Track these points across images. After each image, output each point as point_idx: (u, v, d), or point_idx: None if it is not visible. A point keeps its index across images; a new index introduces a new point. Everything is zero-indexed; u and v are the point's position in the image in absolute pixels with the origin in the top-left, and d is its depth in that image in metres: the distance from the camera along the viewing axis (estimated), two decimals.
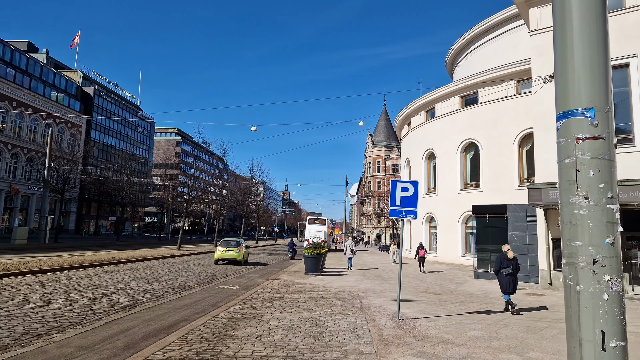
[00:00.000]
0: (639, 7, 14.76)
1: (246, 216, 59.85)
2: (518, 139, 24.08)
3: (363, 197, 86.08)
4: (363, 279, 17.48)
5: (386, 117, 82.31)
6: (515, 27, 29.02)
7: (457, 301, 12.67)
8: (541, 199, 14.84)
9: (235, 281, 16.04)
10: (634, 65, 14.73)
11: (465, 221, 26.55)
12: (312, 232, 43.16)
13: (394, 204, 9.10)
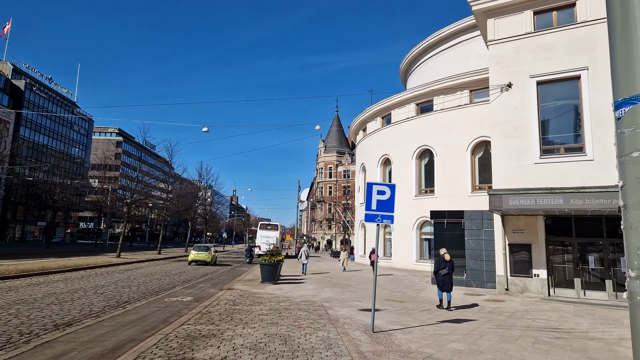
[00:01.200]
0: (589, 22, 15.42)
1: (193, 222, 57.12)
2: (471, 146, 24.64)
3: (314, 203, 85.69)
4: (323, 287, 16.76)
5: (338, 123, 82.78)
6: (467, 39, 29.98)
7: (424, 309, 12.30)
8: (501, 204, 14.97)
9: (185, 292, 14.67)
10: (584, 78, 15.33)
11: (420, 227, 26.73)
12: (263, 238, 41.96)
13: (370, 207, 8.48)
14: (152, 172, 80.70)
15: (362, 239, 34.04)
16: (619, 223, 9.77)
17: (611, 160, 14.35)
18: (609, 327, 10.41)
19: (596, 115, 14.91)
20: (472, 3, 17.50)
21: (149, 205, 53.08)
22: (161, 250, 40.33)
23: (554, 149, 15.89)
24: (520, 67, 16.49)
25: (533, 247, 16.03)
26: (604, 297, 14.97)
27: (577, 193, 13.83)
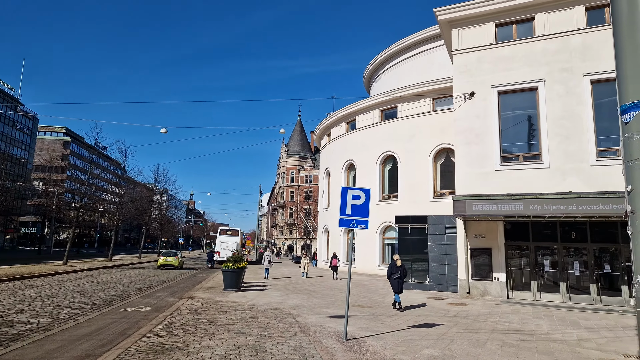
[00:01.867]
0: (547, 36, 16.18)
1: (147, 227, 54.73)
2: (433, 153, 25.21)
3: (275, 208, 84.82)
4: (288, 294, 16.39)
5: (301, 128, 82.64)
6: (430, 49, 30.80)
7: (391, 314, 12.26)
8: (465, 210, 15.29)
9: (142, 301, 13.81)
10: (541, 89, 16.03)
11: (383, 232, 26.97)
12: (223, 243, 40.85)
13: (344, 212, 8.29)
14: (104, 175, 76.86)
15: (325, 244, 33.92)
16: (572, 228, 10.11)
17: (567, 168, 15.07)
18: (567, 329, 10.77)
19: (552, 125, 15.61)
20: (437, 13, 17.90)
21: (100, 210, 50.34)
22: (113, 257, 38.21)
23: (513, 156, 16.48)
24: (483, 76, 17.01)
25: (493, 251, 16.50)
26: (558, 299, 15.61)
27: (536, 199, 14.37)
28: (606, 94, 15.08)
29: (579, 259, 15.69)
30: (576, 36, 15.62)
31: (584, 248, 15.62)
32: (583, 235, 15.64)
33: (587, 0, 15.72)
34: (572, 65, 15.52)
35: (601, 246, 15.45)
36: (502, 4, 16.91)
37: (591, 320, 11.97)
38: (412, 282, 19.28)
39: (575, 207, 13.69)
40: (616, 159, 14.53)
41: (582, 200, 13.65)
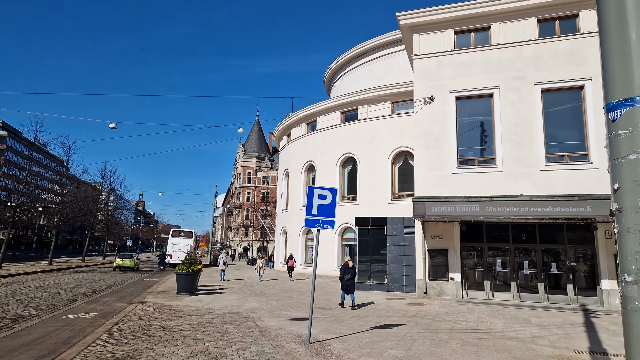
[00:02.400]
0: (502, 45, 16.83)
1: (92, 228, 51.64)
2: (392, 156, 25.57)
3: (231, 209, 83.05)
4: (246, 297, 15.90)
5: (259, 128, 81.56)
6: (390, 53, 31.30)
7: (353, 316, 12.16)
8: (424, 211, 15.54)
9: (87, 307, 12.82)
10: (496, 96, 16.65)
11: (342, 233, 26.99)
12: (176, 245, 39.28)
13: (310, 212, 8.05)
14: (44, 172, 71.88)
15: (284, 246, 33.49)
16: (523, 230, 10.35)
17: (518, 172, 15.71)
18: (520, 327, 11.14)
19: (506, 131, 16.23)
20: (399, 17, 18.15)
21: (39, 210, 46.88)
22: (53, 260, 35.61)
23: (470, 160, 16.98)
24: (442, 82, 17.42)
25: (449, 252, 16.89)
26: (509, 297, 16.23)
27: (491, 201, 14.86)
28: (555, 103, 15.92)
29: (529, 259, 16.41)
30: (528, 46, 16.37)
31: (533, 249, 16.36)
32: (532, 236, 16.37)
33: (539, 13, 16.51)
34: (525, 74, 16.24)
35: (548, 247, 16.24)
36: (460, 12, 17.42)
37: (541, 318, 12.48)
38: (371, 283, 19.38)
39: (527, 210, 14.29)
40: (562, 164, 15.35)
41: (533, 203, 14.27)
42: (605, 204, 13.58)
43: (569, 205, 13.85)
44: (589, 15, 15.88)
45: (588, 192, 14.20)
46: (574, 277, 15.63)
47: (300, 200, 30.82)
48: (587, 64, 15.44)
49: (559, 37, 16.07)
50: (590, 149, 15.01)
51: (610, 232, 14.83)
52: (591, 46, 15.52)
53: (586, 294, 15.39)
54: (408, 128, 24.49)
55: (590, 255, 15.61)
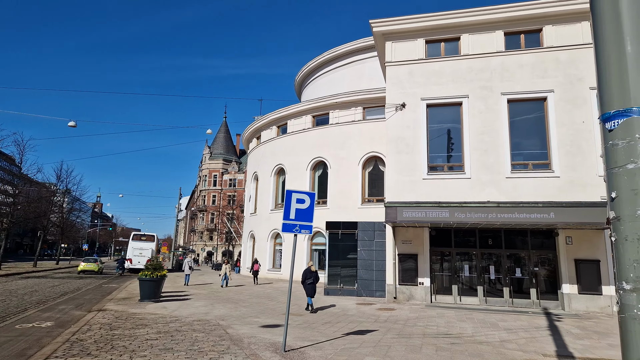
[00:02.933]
0: (471, 56, 17.31)
1: (45, 231, 48.84)
2: (362, 161, 25.74)
3: (195, 212, 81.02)
4: (213, 303, 15.41)
5: (226, 130, 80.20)
6: (361, 60, 31.64)
7: (325, 322, 12.01)
8: (396, 216, 15.65)
9: (42, 316, 11.99)
10: (465, 105, 17.09)
11: (312, 238, 26.82)
12: (136, 249, 37.78)
13: (288, 217, 7.86)
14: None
15: (251, 251, 32.91)
16: (489, 235, 10.59)
17: (485, 179, 16.15)
18: (489, 331, 11.36)
19: (474, 139, 16.67)
20: (373, 25, 18.31)
21: None
22: (2, 265, 33.34)
23: (439, 166, 17.31)
24: (414, 89, 17.70)
25: (419, 256, 17.10)
26: (476, 302, 16.60)
27: (460, 207, 15.17)
28: (520, 113, 16.52)
29: (494, 264, 16.87)
30: (496, 58, 16.93)
31: (499, 254, 16.84)
32: (498, 242, 16.85)
33: (506, 26, 17.13)
34: (492, 84, 16.77)
35: (513, 252, 16.77)
36: (431, 22, 17.80)
37: (508, 322, 12.80)
38: (341, 288, 19.31)
39: (495, 216, 14.69)
40: (527, 172, 15.93)
41: (501, 209, 14.69)
42: (567, 211, 14.17)
43: (533, 211, 14.34)
44: (552, 30, 16.63)
45: (551, 200, 14.79)
46: (537, 282, 16.19)
47: (270, 204, 30.45)
48: (549, 77, 16.14)
49: (524, 50, 16.73)
50: (552, 158, 15.65)
51: (570, 238, 15.48)
52: (553, 60, 16.26)
53: (548, 298, 15.97)
54: (379, 133, 24.78)
55: (551, 260, 16.23)
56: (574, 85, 15.88)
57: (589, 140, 15.34)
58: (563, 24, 16.54)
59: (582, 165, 15.27)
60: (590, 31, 16.24)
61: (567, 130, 15.64)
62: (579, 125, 15.53)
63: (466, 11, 17.30)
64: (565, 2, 16.28)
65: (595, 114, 15.49)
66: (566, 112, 15.76)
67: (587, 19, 16.34)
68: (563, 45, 16.33)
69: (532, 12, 16.62)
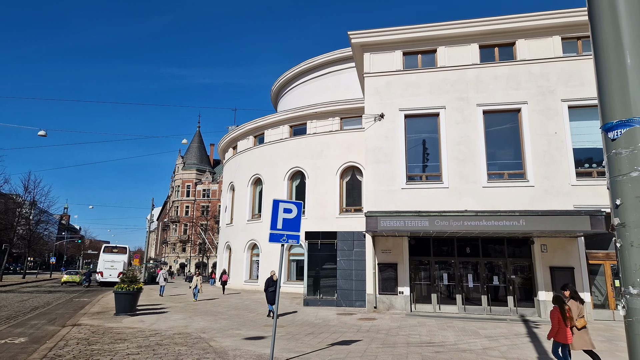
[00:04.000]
0: (447, 68, 17.80)
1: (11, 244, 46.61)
2: (340, 170, 25.87)
3: (167, 223, 79.13)
4: (192, 316, 15.04)
5: (200, 140, 79.11)
6: (337, 70, 32.00)
7: (308, 333, 11.92)
8: (376, 225, 15.73)
9: (14, 331, 11.37)
10: (442, 115, 17.50)
11: (289, 248, 26.61)
12: (107, 262, 36.55)
13: (275, 227, 7.79)
14: None
15: (227, 262, 32.35)
16: (467, 244, 10.91)
17: (462, 189, 16.52)
18: (470, 339, 11.54)
19: (451, 149, 17.07)
20: (351, 36, 18.59)
21: None
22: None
23: (417, 176, 17.60)
24: (392, 100, 18.01)
25: (399, 266, 17.23)
26: (455, 310, 16.82)
27: (440, 216, 15.42)
28: (495, 123, 17.06)
29: (472, 272, 17.18)
30: (471, 70, 17.47)
31: (477, 262, 17.17)
32: (476, 250, 17.19)
33: (480, 39, 17.74)
34: (468, 95, 17.27)
35: (490, 260, 17.14)
36: (409, 34, 18.22)
37: (487, 330, 13.02)
38: (321, 298, 19.20)
39: (473, 224, 14.99)
40: (502, 182, 16.40)
41: (479, 218, 15.01)
42: (541, 220, 14.63)
43: (510, 220, 14.73)
44: (525, 44, 17.33)
45: (526, 208, 15.25)
46: (514, 289, 16.58)
47: (247, 214, 30.11)
48: (522, 89, 16.77)
49: (498, 63, 17.34)
50: (527, 168, 16.18)
51: (545, 246, 15.97)
52: (526, 72, 16.92)
53: (525, 305, 16.36)
54: (356, 143, 25.02)
55: (527, 267, 16.68)
56: (546, 97, 16.54)
57: (561, 150, 15.96)
58: (535, 37, 17.26)
59: (555, 174, 15.85)
60: (560, 45, 17.10)
61: (540, 140, 16.24)
62: (552, 135, 16.16)
63: (442, 24, 17.82)
64: (537, 17, 17.01)
65: (566, 125, 16.18)
66: (539, 123, 16.38)
67: (558, 33, 17.15)
68: (535, 59, 17.02)
69: (505, 26, 17.28)
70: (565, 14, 16.85)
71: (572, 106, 16.37)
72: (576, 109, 16.39)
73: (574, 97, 16.33)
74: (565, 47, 17.20)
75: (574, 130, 16.31)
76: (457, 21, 17.74)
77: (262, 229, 27.76)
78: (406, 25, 18.35)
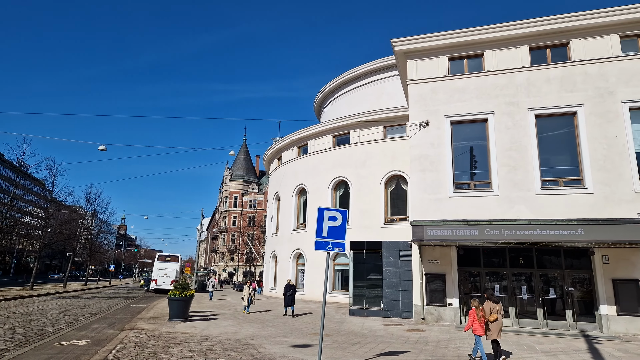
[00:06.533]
0: (496, 72, 17.22)
1: (74, 253, 49.97)
2: (384, 180, 25.65)
3: (216, 233, 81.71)
4: (240, 323, 15.39)
5: (246, 151, 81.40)
6: (380, 79, 31.94)
7: (354, 342, 11.84)
8: (423, 235, 15.46)
9: (77, 334, 12.20)
10: (491, 121, 16.91)
11: (334, 258, 26.63)
12: (161, 270, 38.26)
13: (321, 235, 7.88)
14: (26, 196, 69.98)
15: (273, 271, 32.87)
16: (520, 255, 10.52)
17: (514, 197, 15.84)
18: (526, 353, 11.02)
19: (500, 156, 16.45)
20: (394, 44, 18.54)
21: (21, 233, 45.34)
22: (34, 286, 34.18)
23: (465, 184, 17.09)
24: (437, 106, 17.70)
25: (447, 276, 16.74)
26: (508, 323, 16.01)
27: (490, 225, 14.90)
28: (548, 128, 16.26)
29: (526, 284, 16.35)
30: (521, 73, 16.82)
31: (531, 274, 16.33)
32: (529, 261, 16.37)
33: (531, 41, 17.06)
34: (518, 99, 16.62)
35: (546, 272, 16.24)
36: (454, 39, 17.88)
37: (544, 345, 12.33)
38: (367, 308, 19.02)
39: (527, 233, 14.35)
40: (558, 189, 15.54)
41: (533, 227, 14.35)
42: (602, 229, 13.74)
43: (567, 229, 13.96)
44: (579, 43, 16.46)
45: (585, 217, 14.37)
46: (572, 303, 15.59)
47: (292, 224, 30.51)
48: (578, 90, 15.90)
49: (551, 65, 16.55)
50: (584, 174, 15.25)
51: (607, 257, 14.94)
52: (582, 74, 16.03)
53: (585, 320, 15.34)
54: (400, 152, 24.74)
55: (587, 280, 15.65)
56: (605, 99, 15.57)
57: (623, 154, 14.92)
58: (591, 37, 16.35)
59: (616, 181, 14.83)
60: (619, 44, 16.04)
61: (599, 145, 15.28)
62: (612, 139, 15.16)
63: (490, 27, 17.34)
64: (592, 15, 16.14)
65: (627, 128, 15.11)
66: (597, 127, 15.43)
67: (617, 31, 16.14)
68: (592, 59, 16.09)
69: (558, 26, 16.51)
70: (623, 10, 15.87)
71: (633, 107, 15.30)
72: (638, 111, 15.32)
73: (636, 98, 15.27)
74: (625, 46, 16.15)
75: (636, 133, 15.22)
76: (505, 23, 17.19)
77: (306, 239, 28.06)
78: (450, 30, 18.04)
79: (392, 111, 25.76)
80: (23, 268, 74.83)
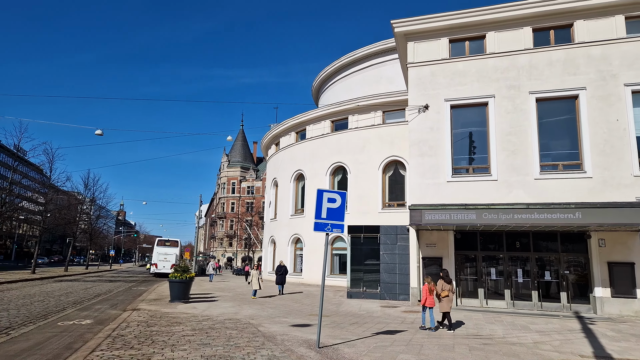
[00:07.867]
0: (497, 54, 17.11)
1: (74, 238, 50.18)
2: (382, 165, 25.66)
3: (215, 219, 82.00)
4: (240, 304, 15.60)
5: (243, 137, 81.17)
6: (378, 63, 31.65)
7: (352, 322, 12.04)
8: (421, 219, 15.56)
9: (80, 314, 12.36)
10: (491, 105, 16.88)
11: (332, 242, 26.83)
12: (161, 254, 38.54)
13: (320, 216, 7.96)
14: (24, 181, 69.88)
15: (271, 256, 33.12)
16: (516, 238, 10.64)
17: (513, 181, 15.92)
18: (520, 333, 11.19)
19: (500, 140, 16.46)
20: (394, 25, 18.35)
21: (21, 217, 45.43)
22: (36, 270, 34.42)
23: (464, 168, 17.14)
24: (437, 90, 17.62)
25: (444, 260, 16.93)
26: (503, 305, 16.30)
27: (487, 209, 15.00)
28: (549, 112, 16.23)
29: (522, 267, 16.56)
30: (524, 55, 16.69)
31: (527, 257, 16.52)
32: (526, 245, 16.54)
33: (534, 22, 16.85)
34: (520, 83, 16.54)
35: (542, 255, 16.43)
36: (455, 20, 17.67)
37: (539, 325, 12.55)
38: (364, 291, 19.25)
39: (524, 217, 14.46)
40: (557, 173, 15.61)
41: (530, 211, 14.46)
42: (600, 212, 13.85)
43: (565, 213, 14.06)
44: (584, 25, 16.22)
45: (583, 201, 14.48)
46: (567, 285, 15.82)
47: (290, 209, 30.63)
48: (581, 74, 15.80)
49: (554, 47, 16.39)
50: (584, 158, 15.30)
51: (603, 241, 15.11)
52: (585, 56, 15.89)
53: (579, 302, 15.59)
54: (399, 137, 24.69)
55: (583, 263, 15.85)
56: (607, 82, 15.49)
57: (623, 139, 14.93)
58: (595, 18, 16.12)
59: (616, 165, 14.88)
60: (624, 25, 15.83)
61: (599, 128, 15.28)
62: (613, 123, 15.16)
63: (492, 8, 17.10)
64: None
65: (629, 112, 15.09)
66: (599, 110, 15.39)
67: (622, 12, 15.88)
68: (595, 41, 15.88)
69: (562, 6, 16.24)
70: None
71: (636, 91, 15.24)
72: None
73: (639, 81, 15.19)
74: (629, 27, 15.93)
75: (637, 117, 15.21)
76: (508, 4, 16.91)
77: (305, 224, 28.21)
78: (452, 11, 17.83)
79: (391, 95, 25.64)
80: (24, 253, 75.13)
